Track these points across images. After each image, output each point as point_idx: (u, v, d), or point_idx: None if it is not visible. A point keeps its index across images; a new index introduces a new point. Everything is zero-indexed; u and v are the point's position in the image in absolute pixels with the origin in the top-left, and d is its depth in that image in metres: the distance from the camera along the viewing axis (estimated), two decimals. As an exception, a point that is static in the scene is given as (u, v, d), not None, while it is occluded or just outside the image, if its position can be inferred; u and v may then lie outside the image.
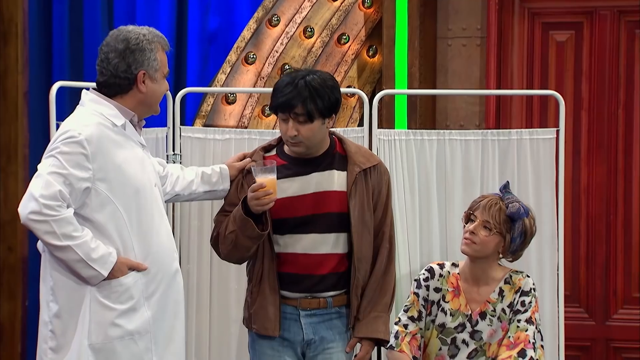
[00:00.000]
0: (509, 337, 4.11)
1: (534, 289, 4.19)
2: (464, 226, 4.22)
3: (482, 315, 4.17)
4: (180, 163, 4.68)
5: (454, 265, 4.27)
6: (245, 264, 4.15)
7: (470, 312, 4.18)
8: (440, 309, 4.21)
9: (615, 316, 5.63)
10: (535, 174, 4.75)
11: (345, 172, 4.03)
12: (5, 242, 3.70)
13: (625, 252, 5.62)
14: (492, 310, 4.16)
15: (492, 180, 4.74)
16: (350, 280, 4.03)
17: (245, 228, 3.88)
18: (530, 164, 4.75)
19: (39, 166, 3.65)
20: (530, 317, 4.13)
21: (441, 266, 4.26)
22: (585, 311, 5.64)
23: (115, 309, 3.65)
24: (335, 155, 4.05)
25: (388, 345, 4.17)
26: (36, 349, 3.77)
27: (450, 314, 4.19)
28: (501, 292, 4.18)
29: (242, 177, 4.11)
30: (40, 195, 3.55)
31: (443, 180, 4.76)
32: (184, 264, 4.75)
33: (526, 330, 4.11)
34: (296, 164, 4.01)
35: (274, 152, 4.10)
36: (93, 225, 3.64)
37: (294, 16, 5.79)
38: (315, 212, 3.97)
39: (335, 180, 4.01)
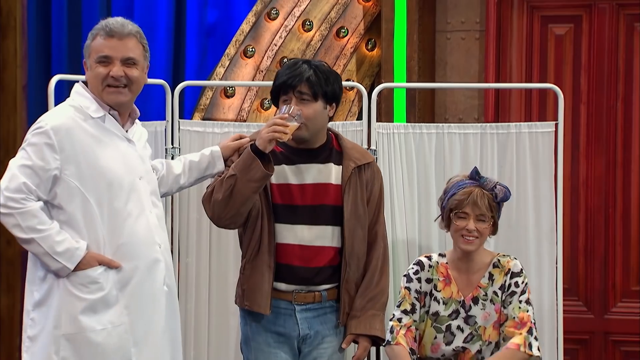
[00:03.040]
0: (514, 317, 4.15)
1: (523, 270, 4.23)
2: (453, 224, 4.18)
3: (475, 300, 4.20)
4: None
5: (441, 255, 4.29)
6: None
7: (462, 298, 4.21)
8: (432, 298, 4.23)
9: (613, 309, 5.64)
10: (534, 168, 4.76)
11: (340, 167, 4.02)
12: (4, 235, 3.71)
13: (624, 245, 5.62)
14: (483, 295, 4.20)
15: (491, 173, 4.73)
16: (340, 274, 4.03)
17: (249, 169, 3.81)
18: (529, 157, 4.76)
19: (11, 159, 3.71)
20: (528, 298, 4.18)
21: (429, 258, 4.29)
22: (584, 304, 5.65)
23: (85, 299, 3.67)
24: (332, 150, 4.05)
25: (385, 342, 4.18)
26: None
27: (443, 302, 4.21)
28: (491, 276, 4.21)
29: (239, 155, 4.03)
30: (5, 188, 3.63)
31: (442, 174, 4.76)
32: (183, 257, 4.75)
33: (527, 311, 4.16)
34: (294, 154, 4.00)
35: None
36: (64, 215, 3.68)
37: (292, 9, 5.79)
38: (313, 202, 3.97)
39: (332, 173, 4.01)
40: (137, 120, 3.97)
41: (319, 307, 4.01)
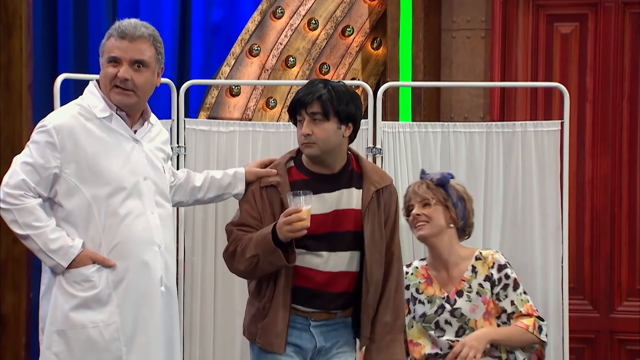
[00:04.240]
0: (520, 310, 4.24)
1: (508, 262, 4.31)
2: (407, 220, 4.32)
3: (459, 293, 4.27)
4: (185, 155, 4.68)
5: (422, 260, 4.35)
6: None
7: (446, 294, 4.29)
8: (417, 302, 4.29)
9: (619, 308, 5.63)
10: (540, 167, 4.75)
11: (361, 191, 3.99)
12: (10, 234, 3.74)
13: (630, 244, 5.61)
14: (468, 287, 4.27)
15: (497, 172, 4.74)
16: (356, 298, 4.00)
17: (271, 256, 3.82)
18: (535, 156, 4.75)
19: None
20: (523, 289, 4.28)
21: (408, 265, 4.37)
22: (590, 303, 5.64)
23: (77, 297, 3.69)
24: (352, 172, 4.01)
25: None
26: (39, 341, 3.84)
27: (428, 302, 4.27)
28: (474, 268, 4.29)
29: (261, 188, 4.01)
30: (5, 184, 3.69)
31: (447, 173, 4.76)
32: (189, 256, 4.75)
33: (528, 301, 4.27)
34: (317, 180, 3.95)
35: (292, 164, 4.02)
36: (63, 213, 3.71)
37: (298, 8, 5.79)
38: (334, 229, 3.93)
39: (354, 198, 3.97)
40: (157, 120, 3.97)
41: (332, 323, 4.01)
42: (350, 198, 3.97)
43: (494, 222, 4.77)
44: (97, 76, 3.86)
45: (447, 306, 4.26)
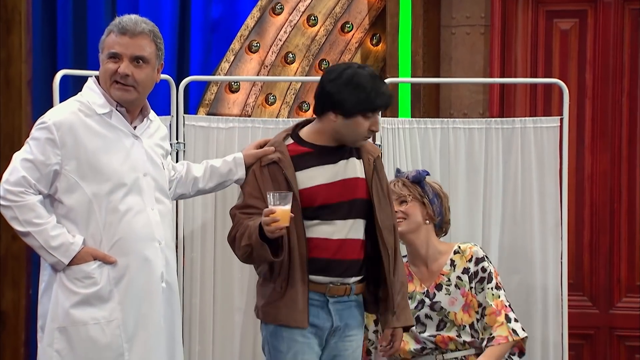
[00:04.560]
0: (491, 305, 4.27)
1: (486, 256, 4.34)
2: None
3: (438, 287, 4.32)
4: (184, 152, 4.69)
5: (402, 256, 4.36)
6: None
7: (426, 289, 4.33)
8: None
9: (618, 304, 5.64)
10: (539, 163, 4.76)
11: (361, 160, 4.04)
12: (10, 230, 3.75)
13: (629, 240, 5.62)
14: (447, 281, 4.31)
15: (496, 169, 4.74)
16: (366, 268, 4.04)
17: (260, 249, 3.85)
18: (534, 152, 4.76)
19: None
20: (497, 283, 4.30)
21: None
22: (589, 299, 5.64)
23: (78, 293, 3.69)
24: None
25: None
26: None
27: (409, 298, 4.27)
28: (452, 262, 4.33)
29: (262, 167, 4.01)
30: (5, 181, 3.69)
31: (447, 169, 4.77)
32: (188, 252, 4.75)
33: (499, 297, 4.29)
34: (321, 152, 3.99)
35: (291, 141, 4.04)
36: (63, 209, 3.71)
37: (297, 4, 5.79)
38: (345, 198, 3.97)
39: (357, 167, 4.02)
40: (155, 117, 3.97)
41: (347, 301, 4.03)
42: (354, 167, 4.02)
43: (494, 218, 4.78)
44: (96, 72, 3.87)
45: (427, 300, 4.30)
